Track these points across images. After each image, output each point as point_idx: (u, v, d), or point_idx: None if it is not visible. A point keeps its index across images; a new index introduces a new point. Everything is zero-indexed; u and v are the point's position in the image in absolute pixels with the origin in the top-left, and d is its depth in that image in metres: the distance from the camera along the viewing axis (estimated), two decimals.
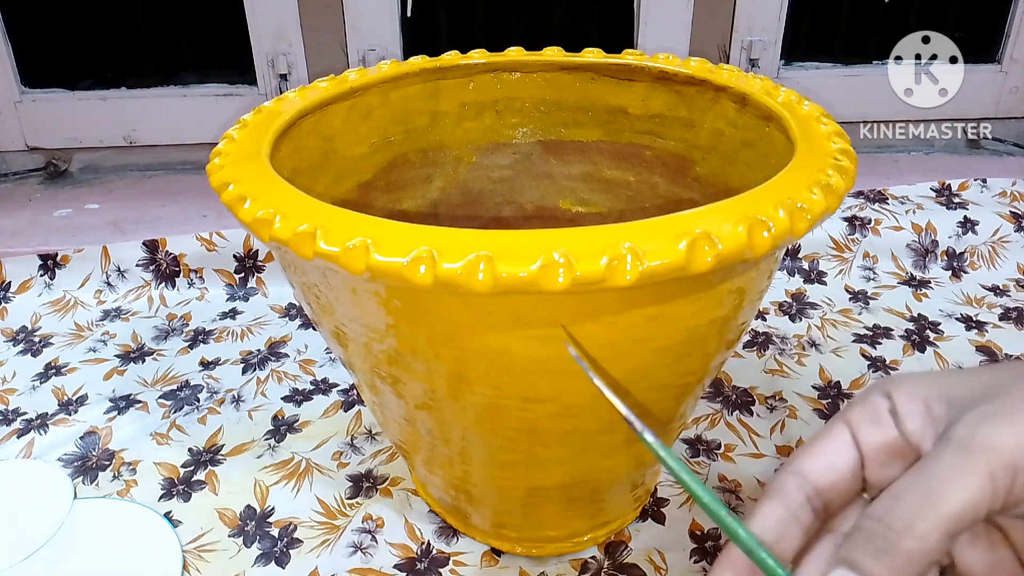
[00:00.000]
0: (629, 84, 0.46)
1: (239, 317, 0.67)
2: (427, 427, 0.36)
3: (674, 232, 0.25)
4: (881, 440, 0.22)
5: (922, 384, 0.22)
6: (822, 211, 0.28)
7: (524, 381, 0.30)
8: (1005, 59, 0.86)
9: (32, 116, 0.83)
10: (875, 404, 0.22)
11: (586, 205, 0.51)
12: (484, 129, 0.49)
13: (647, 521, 0.46)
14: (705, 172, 0.45)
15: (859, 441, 0.22)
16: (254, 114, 0.39)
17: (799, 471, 0.22)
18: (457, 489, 0.41)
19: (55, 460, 0.51)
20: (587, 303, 0.27)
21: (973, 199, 0.76)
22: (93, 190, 0.82)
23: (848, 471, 0.22)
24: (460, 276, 0.25)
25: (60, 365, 0.61)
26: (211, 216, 0.74)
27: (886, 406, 0.22)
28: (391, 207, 0.47)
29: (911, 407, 0.22)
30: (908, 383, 0.22)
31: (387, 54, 0.82)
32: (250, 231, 0.29)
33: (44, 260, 0.69)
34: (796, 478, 0.22)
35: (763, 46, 0.84)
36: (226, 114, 0.83)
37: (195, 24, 0.84)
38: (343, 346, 0.34)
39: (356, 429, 0.53)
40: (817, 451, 0.22)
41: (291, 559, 0.44)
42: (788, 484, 0.22)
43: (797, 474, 0.22)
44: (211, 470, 0.50)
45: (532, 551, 0.43)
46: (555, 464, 0.36)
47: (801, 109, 0.37)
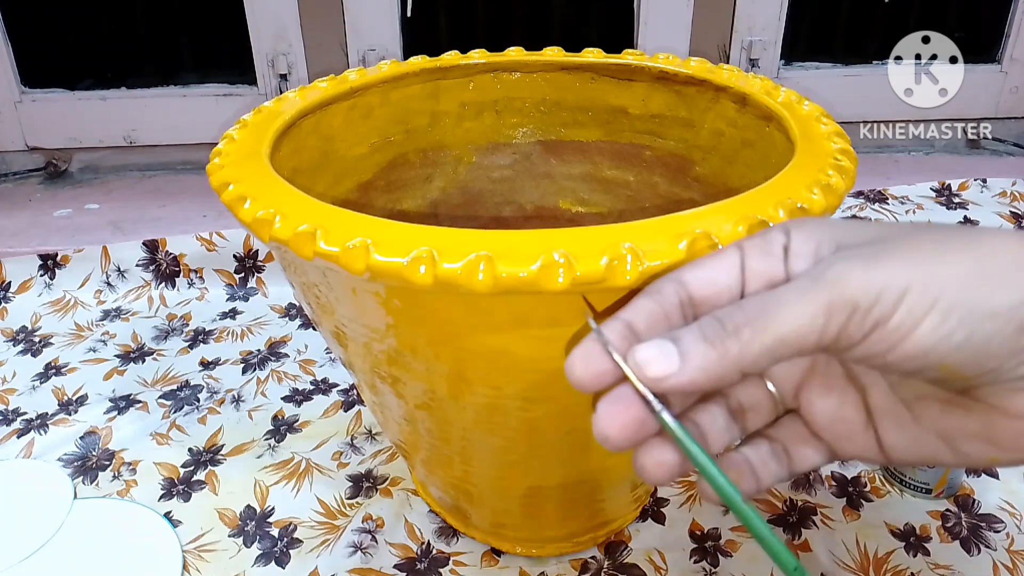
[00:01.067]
0: (629, 84, 0.46)
1: (239, 317, 0.67)
2: (427, 427, 0.36)
3: (674, 232, 0.25)
4: (766, 271, 0.22)
5: (821, 228, 0.22)
6: (822, 211, 0.28)
7: (524, 381, 0.30)
8: (1005, 59, 0.86)
9: (32, 116, 0.83)
10: (771, 238, 0.22)
11: (586, 205, 0.51)
12: (484, 129, 0.49)
13: (647, 521, 0.46)
14: (705, 172, 0.45)
15: (746, 267, 0.22)
16: (254, 114, 0.39)
17: (680, 279, 0.22)
18: (457, 489, 0.41)
19: (55, 460, 0.51)
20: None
21: (973, 199, 0.76)
22: (93, 190, 0.82)
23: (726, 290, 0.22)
24: (460, 276, 0.25)
25: (60, 365, 0.61)
26: (211, 216, 0.74)
27: (782, 242, 0.22)
28: (391, 207, 0.47)
29: (804, 248, 0.22)
30: (809, 225, 0.22)
31: (387, 54, 0.82)
32: (250, 231, 0.29)
33: (44, 260, 0.69)
34: (675, 284, 0.22)
35: (763, 46, 0.84)
36: (226, 114, 0.83)
37: (195, 24, 0.84)
38: (343, 346, 0.34)
39: (356, 429, 0.53)
40: (703, 265, 0.23)
41: (291, 559, 0.44)
42: (666, 287, 0.22)
43: (677, 281, 0.22)
44: (211, 470, 0.50)
45: (532, 551, 0.43)
46: (555, 464, 0.36)
47: (801, 109, 0.37)
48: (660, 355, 0.20)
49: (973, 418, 0.22)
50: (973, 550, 0.44)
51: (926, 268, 0.19)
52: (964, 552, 0.44)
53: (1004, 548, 0.44)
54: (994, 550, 0.44)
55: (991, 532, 0.45)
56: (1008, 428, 0.21)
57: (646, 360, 0.20)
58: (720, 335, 0.20)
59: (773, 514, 0.46)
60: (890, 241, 0.20)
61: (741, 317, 0.20)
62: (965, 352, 0.19)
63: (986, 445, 0.22)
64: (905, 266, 0.19)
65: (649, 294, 0.22)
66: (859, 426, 0.23)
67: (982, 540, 0.44)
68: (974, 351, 0.19)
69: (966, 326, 0.19)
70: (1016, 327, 0.19)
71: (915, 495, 0.47)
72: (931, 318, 0.19)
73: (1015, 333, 0.19)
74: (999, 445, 0.21)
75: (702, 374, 0.20)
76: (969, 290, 0.19)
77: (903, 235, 0.21)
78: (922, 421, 0.23)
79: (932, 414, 0.22)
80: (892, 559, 0.43)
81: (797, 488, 0.48)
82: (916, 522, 0.45)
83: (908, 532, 0.45)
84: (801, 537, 0.45)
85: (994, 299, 0.19)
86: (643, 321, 0.22)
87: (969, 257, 0.20)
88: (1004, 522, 0.45)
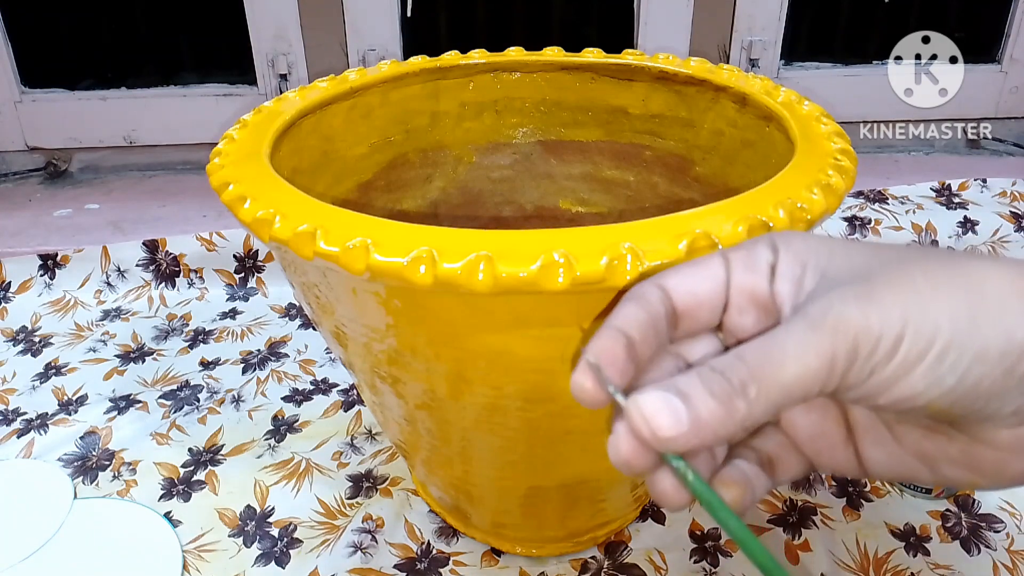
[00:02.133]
0: (629, 84, 0.46)
1: (239, 317, 0.67)
2: (427, 427, 0.36)
3: (674, 232, 0.25)
4: (750, 288, 0.22)
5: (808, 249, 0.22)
6: (822, 211, 0.28)
7: (524, 381, 0.30)
8: (1005, 59, 0.86)
9: (32, 116, 0.83)
10: (758, 253, 0.22)
11: (586, 205, 0.51)
12: (484, 129, 0.49)
13: (647, 521, 0.46)
14: (705, 172, 0.45)
15: (730, 282, 0.22)
16: (254, 114, 0.39)
17: (665, 286, 0.22)
18: (457, 489, 0.41)
19: (55, 460, 0.51)
20: (587, 303, 0.27)
21: (973, 199, 0.76)
22: (93, 190, 0.82)
23: (709, 305, 0.22)
24: (460, 276, 0.25)
25: (60, 365, 0.61)
26: (211, 216, 0.74)
27: (768, 259, 0.22)
28: (391, 207, 0.47)
29: (789, 269, 0.21)
30: (797, 244, 0.22)
31: (387, 54, 0.82)
32: (250, 231, 0.29)
33: (44, 260, 0.69)
34: (661, 291, 0.22)
35: (763, 46, 0.84)
36: (226, 114, 0.83)
37: (195, 24, 0.84)
38: (343, 346, 0.34)
39: (356, 429, 0.53)
40: (688, 274, 0.22)
41: (291, 559, 0.44)
42: (652, 293, 0.22)
43: (663, 288, 0.22)
44: (211, 470, 0.50)
45: (532, 551, 0.43)
46: (555, 464, 0.36)
47: (801, 109, 0.37)
48: (667, 412, 0.19)
49: (955, 445, 0.21)
50: (973, 550, 0.44)
51: (919, 307, 0.19)
52: (964, 552, 0.44)
53: (1004, 548, 0.44)
54: (994, 550, 0.44)
55: (991, 532, 0.45)
56: (989, 457, 0.21)
57: (653, 414, 0.19)
58: (727, 392, 0.19)
59: (773, 514, 0.46)
60: (881, 274, 0.20)
61: (745, 372, 0.19)
62: (954, 395, 0.19)
63: (967, 471, 0.22)
64: (899, 305, 0.19)
65: (636, 300, 0.22)
66: (840, 441, 0.23)
67: (982, 540, 0.44)
68: (963, 393, 0.19)
69: (956, 371, 0.19)
70: (1004, 370, 0.19)
71: (915, 495, 0.47)
72: (923, 364, 0.19)
73: (1003, 376, 0.19)
74: (980, 472, 0.21)
75: (711, 435, 0.19)
76: (960, 333, 0.19)
77: (893, 265, 0.20)
78: (903, 442, 0.22)
79: (914, 437, 0.22)
80: (892, 559, 0.43)
81: (797, 488, 0.48)
82: (916, 522, 0.45)
83: (908, 532, 0.45)
84: (801, 537, 0.45)
85: (985, 343, 0.19)
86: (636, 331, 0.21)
87: (960, 294, 0.19)
88: (1004, 522, 0.45)
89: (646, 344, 0.21)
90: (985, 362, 0.19)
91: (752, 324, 0.22)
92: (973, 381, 0.19)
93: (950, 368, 0.19)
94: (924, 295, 0.19)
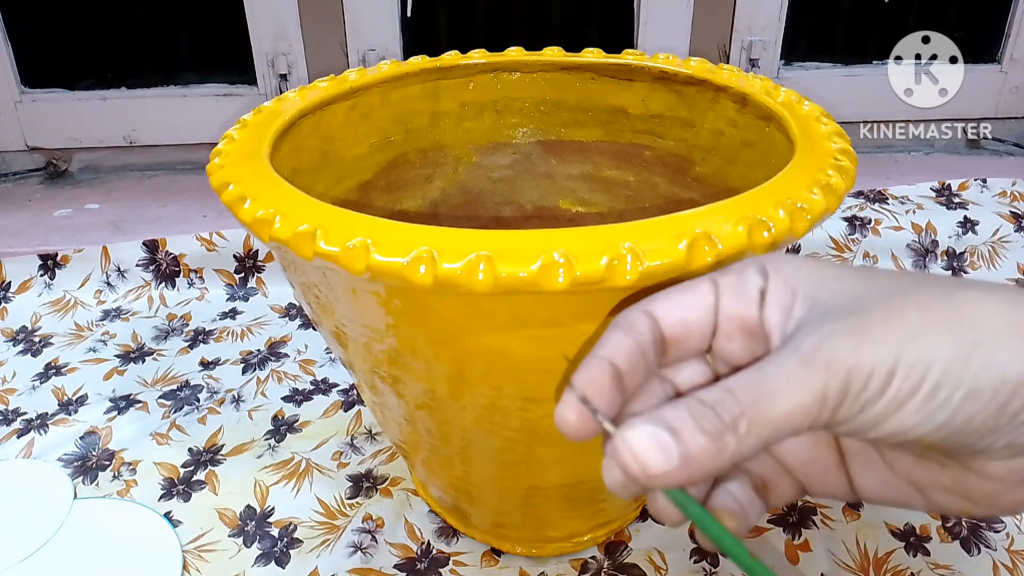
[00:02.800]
0: (629, 84, 0.46)
1: (239, 317, 0.67)
2: (427, 427, 0.36)
3: (674, 232, 0.25)
4: (739, 315, 0.22)
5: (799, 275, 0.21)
6: (822, 211, 0.28)
7: (524, 381, 0.30)
8: (1005, 59, 0.86)
9: (32, 116, 0.83)
10: (748, 279, 0.22)
11: (586, 205, 0.51)
12: (484, 129, 0.49)
13: (647, 521, 0.46)
14: (705, 172, 0.45)
15: (719, 308, 0.22)
16: (254, 114, 0.39)
17: (653, 312, 0.22)
18: (457, 489, 0.41)
19: (55, 460, 0.51)
20: (587, 303, 0.27)
21: (973, 199, 0.76)
22: (93, 190, 0.82)
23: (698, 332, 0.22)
24: (460, 276, 0.25)
25: (60, 365, 0.61)
26: (211, 216, 0.74)
27: (758, 285, 0.22)
28: (391, 207, 0.47)
29: (780, 295, 0.21)
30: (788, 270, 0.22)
31: (387, 54, 0.82)
32: (250, 231, 0.29)
33: (44, 260, 0.69)
34: (649, 319, 0.22)
35: (763, 46, 0.84)
36: (226, 114, 0.83)
37: (195, 24, 0.84)
38: (343, 346, 0.34)
39: (356, 429, 0.53)
40: (676, 301, 0.22)
41: (291, 559, 0.44)
42: (640, 321, 0.22)
43: (651, 315, 0.22)
44: (211, 470, 0.50)
45: (532, 551, 0.43)
46: (555, 464, 0.36)
47: (801, 109, 0.37)
48: (657, 449, 0.19)
49: (947, 473, 0.21)
50: (973, 550, 0.44)
51: (911, 343, 0.19)
52: (964, 552, 0.44)
53: (1004, 548, 0.44)
54: (994, 550, 0.44)
55: (991, 532, 0.45)
56: (982, 487, 0.21)
57: (642, 452, 0.19)
58: (717, 428, 0.19)
59: (773, 515, 0.46)
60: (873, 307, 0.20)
61: (736, 407, 0.19)
62: (946, 431, 0.19)
63: (959, 499, 0.22)
64: (891, 341, 0.19)
65: (623, 329, 0.22)
66: (832, 467, 0.23)
67: (982, 540, 0.44)
68: (954, 429, 0.19)
69: (948, 407, 0.19)
70: (996, 407, 0.19)
71: None
72: (915, 400, 0.19)
73: (995, 413, 0.19)
74: (972, 500, 0.21)
75: (700, 472, 0.19)
76: (952, 370, 0.19)
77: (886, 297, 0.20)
78: (895, 469, 0.22)
79: (905, 464, 0.22)
80: (892, 559, 0.43)
81: None
82: (916, 522, 0.45)
83: (908, 532, 0.45)
84: (801, 537, 0.45)
85: (977, 380, 0.19)
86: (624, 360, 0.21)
87: (953, 329, 0.19)
88: (1004, 522, 0.45)
89: (634, 373, 0.21)
90: (978, 399, 0.19)
91: (740, 350, 0.22)
92: (965, 417, 0.19)
93: (942, 404, 0.19)
94: (916, 330, 0.19)
